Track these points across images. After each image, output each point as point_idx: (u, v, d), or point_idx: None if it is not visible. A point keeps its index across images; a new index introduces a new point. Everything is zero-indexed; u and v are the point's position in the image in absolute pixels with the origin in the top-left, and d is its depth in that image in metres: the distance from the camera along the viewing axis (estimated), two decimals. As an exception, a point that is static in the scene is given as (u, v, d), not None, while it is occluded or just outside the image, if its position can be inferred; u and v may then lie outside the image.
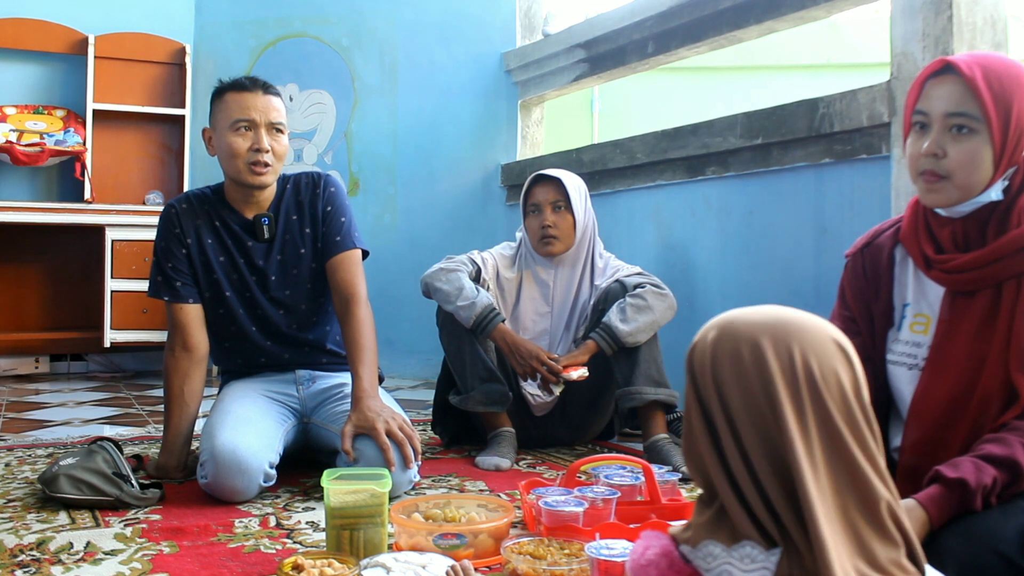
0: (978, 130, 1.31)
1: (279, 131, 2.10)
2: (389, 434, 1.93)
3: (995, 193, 1.33)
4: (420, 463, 2.04)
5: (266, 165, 2.08)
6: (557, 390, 2.37)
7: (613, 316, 2.34)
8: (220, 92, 2.11)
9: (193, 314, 2.15)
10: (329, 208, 2.20)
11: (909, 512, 1.17)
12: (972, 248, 1.35)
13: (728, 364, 0.86)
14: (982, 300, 1.34)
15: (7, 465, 2.30)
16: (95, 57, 4.25)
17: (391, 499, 1.68)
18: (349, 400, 2.07)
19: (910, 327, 1.43)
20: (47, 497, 1.88)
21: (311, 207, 2.20)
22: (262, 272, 2.17)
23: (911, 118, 1.40)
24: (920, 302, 1.43)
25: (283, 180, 2.22)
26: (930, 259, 1.39)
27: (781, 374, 0.84)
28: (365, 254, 2.23)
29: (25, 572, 1.47)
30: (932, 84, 1.36)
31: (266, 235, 2.16)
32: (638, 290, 2.38)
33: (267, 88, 2.10)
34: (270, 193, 2.18)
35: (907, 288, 1.46)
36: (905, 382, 1.42)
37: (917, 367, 1.40)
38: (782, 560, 0.81)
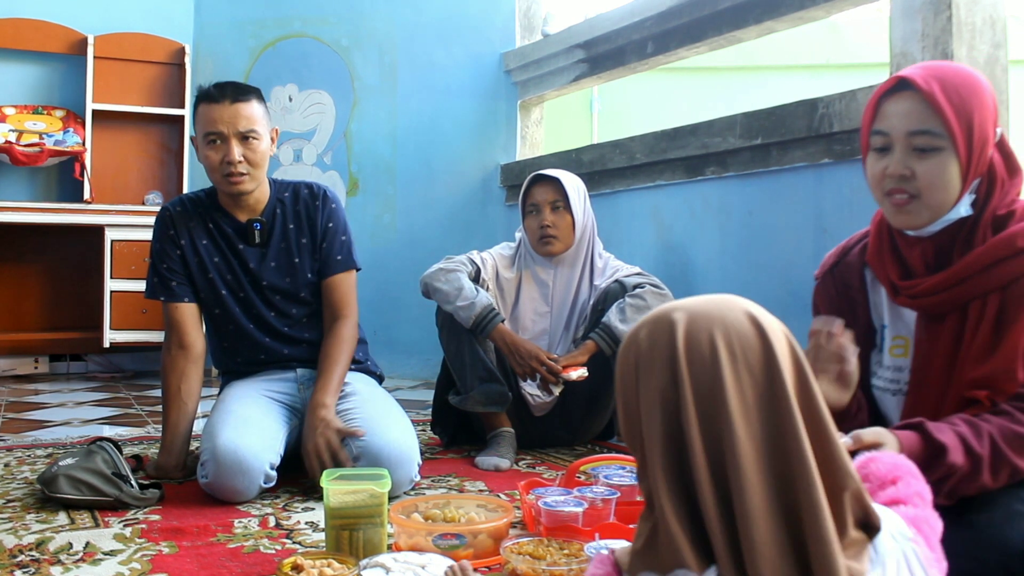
0: (943, 147, 1.27)
1: (252, 138, 2.08)
2: (316, 449, 1.96)
3: (964, 208, 1.30)
4: (421, 462, 2.04)
5: (241, 175, 2.08)
6: (557, 390, 2.37)
7: (612, 316, 2.34)
8: (196, 102, 2.12)
9: (188, 313, 2.16)
10: (331, 225, 2.21)
11: (880, 436, 1.18)
12: (943, 266, 1.32)
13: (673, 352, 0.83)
14: (951, 323, 1.31)
15: (6, 465, 2.30)
16: (94, 57, 4.25)
17: (390, 499, 1.68)
18: (349, 399, 2.10)
19: (890, 351, 1.41)
20: (46, 497, 1.88)
21: (310, 219, 2.20)
22: (255, 275, 2.18)
23: (868, 139, 1.35)
24: (897, 323, 1.41)
25: (279, 186, 2.22)
26: (896, 286, 1.36)
27: (727, 358, 0.82)
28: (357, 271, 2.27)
29: (24, 572, 1.47)
30: (889, 102, 1.32)
31: (257, 240, 2.17)
32: (637, 290, 2.38)
33: (236, 96, 2.07)
34: (262, 197, 2.18)
35: (883, 309, 1.43)
36: (893, 408, 1.39)
37: (901, 392, 1.38)
38: None
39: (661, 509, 0.81)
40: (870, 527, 0.85)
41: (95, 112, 4.24)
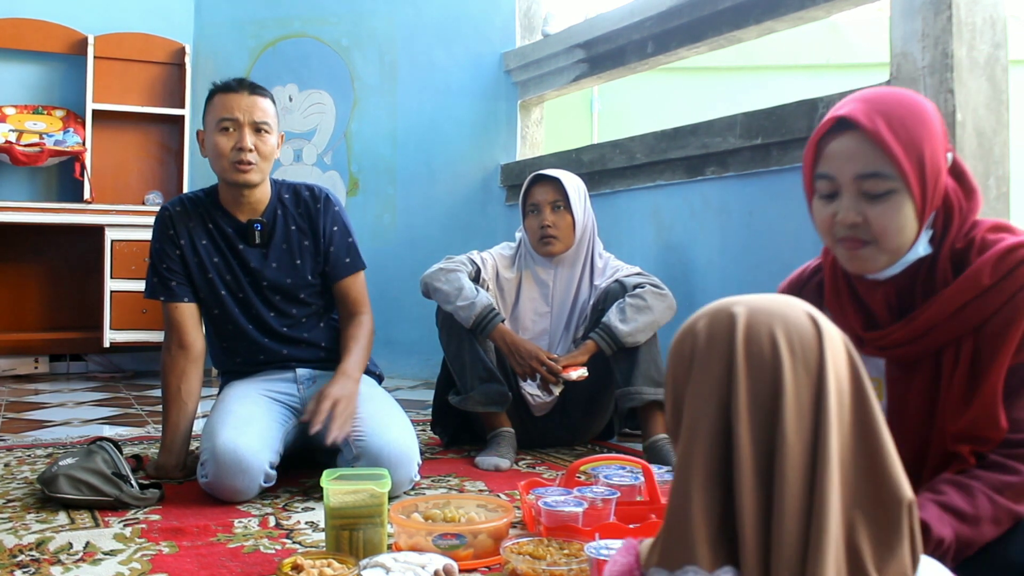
0: (896, 188, 1.17)
1: (265, 131, 2.10)
2: (332, 412, 1.96)
3: (922, 247, 1.21)
4: (421, 462, 2.04)
5: (250, 164, 2.08)
6: (557, 390, 2.37)
7: (613, 316, 2.34)
8: (210, 95, 2.14)
9: (188, 313, 2.16)
10: (335, 228, 2.22)
11: None
12: (907, 309, 1.23)
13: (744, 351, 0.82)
14: (924, 369, 1.22)
15: (7, 465, 2.30)
16: (95, 57, 4.25)
17: (390, 499, 1.68)
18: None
19: None
20: (46, 497, 1.88)
21: (311, 221, 2.21)
22: (256, 275, 2.18)
23: (812, 183, 1.25)
24: (867, 364, 1.31)
25: (279, 187, 2.23)
26: (862, 337, 1.26)
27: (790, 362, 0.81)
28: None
29: (24, 572, 1.47)
30: (831, 143, 1.21)
31: (258, 240, 2.17)
32: (637, 290, 2.38)
33: (254, 89, 2.11)
34: (263, 196, 2.18)
35: None
36: None
37: None
38: None
39: (687, 500, 0.80)
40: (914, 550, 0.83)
41: (95, 112, 4.24)
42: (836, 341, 0.85)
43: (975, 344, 1.18)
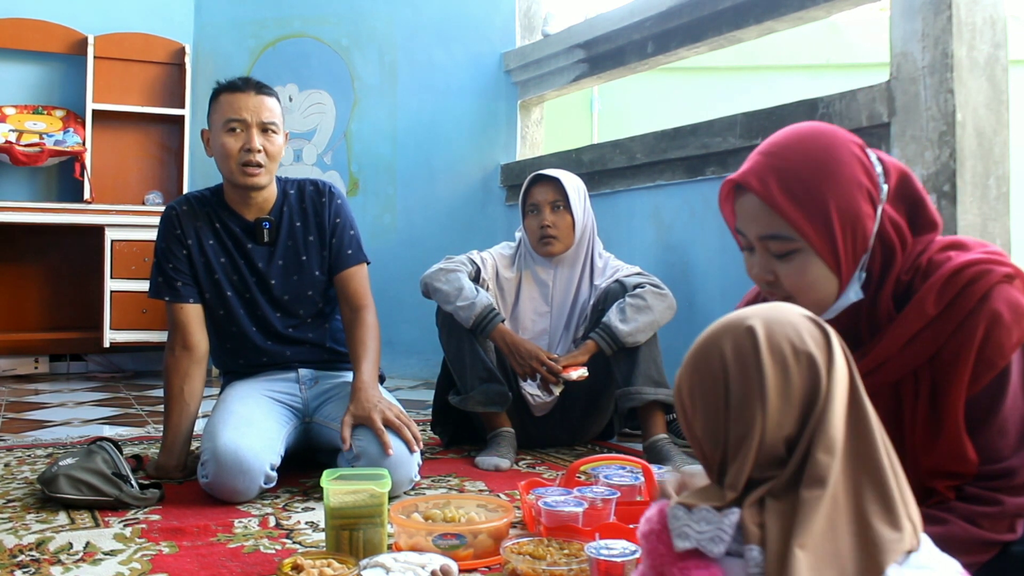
0: (800, 248, 1.13)
1: (272, 131, 2.10)
2: (386, 422, 1.97)
3: (853, 294, 1.16)
4: (422, 450, 2.04)
5: (258, 166, 2.08)
6: (557, 390, 2.37)
7: (613, 316, 2.34)
8: (216, 94, 2.13)
9: (193, 314, 2.16)
10: (338, 220, 2.22)
11: None
12: (855, 347, 1.15)
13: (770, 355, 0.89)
14: (883, 401, 1.15)
15: (7, 465, 2.30)
16: (95, 57, 4.25)
17: (391, 499, 1.68)
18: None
19: None
20: (46, 497, 1.88)
21: (316, 216, 2.21)
22: (263, 275, 2.18)
23: (737, 237, 1.23)
24: None
25: (285, 184, 2.23)
26: None
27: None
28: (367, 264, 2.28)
29: (24, 572, 1.47)
30: (739, 200, 1.18)
31: (266, 239, 2.17)
32: (638, 290, 2.38)
33: (260, 88, 2.11)
34: (270, 195, 2.19)
35: None
36: None
37: None
38: (744, 521, 0.85)
39: (734, 486, 0.88)
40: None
41: (95, 112, 4.24)
42: (836, 337, 0.92)
43: (932, 376, 1.13)
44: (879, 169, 1.16)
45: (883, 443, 0.90)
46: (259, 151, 2.07)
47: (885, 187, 1.15)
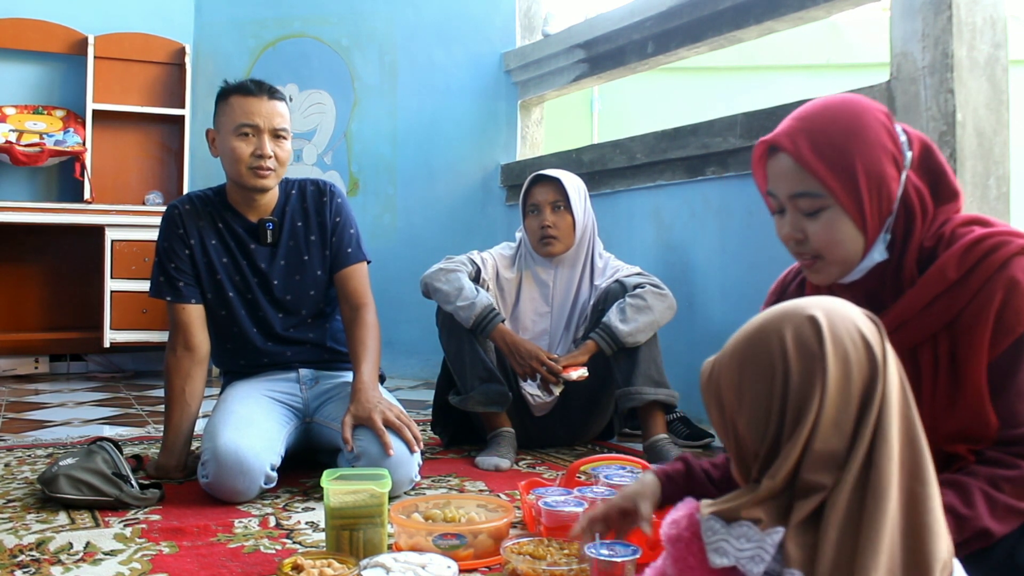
0: (828, 205, 1.18)
1: (282, 137, 2.10)
2: (387, 423, 1.97)
3: (878, 254, 1.21)
4: (422, 450, 2.04)
5: (269, 170, 2.08)
6: (557, 390, 2.37)
7: (613, 316, 2.34)
8: (225, 94, 2.11)
9: (195, 314, 2.16)
10: (339, 219, 2.22)
11: None
12: (877, 311, 1.17)
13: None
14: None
15: (7, 465, 2.30)
16: (95, 57, 4.25)
17: (391, 499, 1.68)
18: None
19: None
20: (47, 497, 1.88)
21: (318, 215, 2.21)
22: (265, 275, 2.18)
23: (768, 200, 1.28)
24: None
25: (286, 185, 2.23)
26: None
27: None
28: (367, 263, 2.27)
29: (24, 572, 1.47)
30: (769, 163, 1.24)
31: (269, 239, 2.17)
32: (638, 290, 2.38)
33: (272, 93, 2.10)
34: (272, 197, 2.19)
35: None
36: None
37: None
38: (787, 542, 0.82)
39: (773, 476, 0.86)
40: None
41: (95, 112, 4.24)
42: (887, 339, 0.93)
43: (951, 341, 1.17)
44: (903, 138, 1.21)
45: (926, 446, 0.88)
46: (271, 156, 2.08)
47: (909, 154, 1.20)
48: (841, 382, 0.86)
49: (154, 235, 2.23)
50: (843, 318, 0.90)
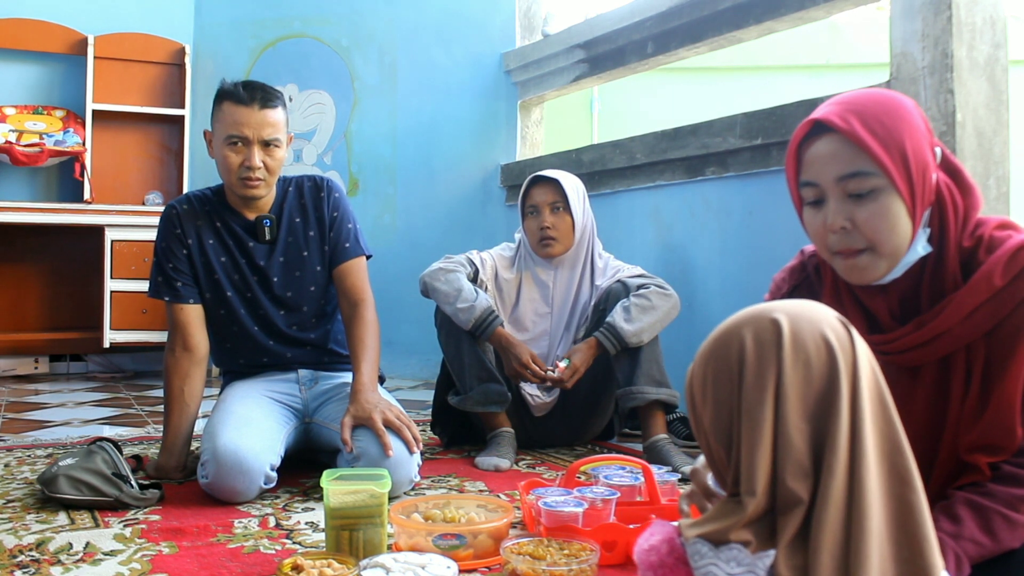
0: (881, 186, 1.13)
1: (274, 146, 2.09)
2: (387, 423, 1.97)
3: (921, 247, 1.16)
4: (421, 451, 2.04)
5: (258, 180, 2.08)
6: (555, 392, 2.37)
7: (617, 316, 2.34)
8: (220, 97, 2.10)
9: (194, 314, 2.15)
10: (336, 214, 2.21)
11: None
12: (910, 315, 1.17)
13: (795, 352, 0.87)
14: (929, 376, 1.18)
15: (7, 465, 2.30)
16: (95, 57, 4.25)
17: (390, 499, 1.68)
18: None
19: None
20: (46, 497, 1.88)
21: (316, 211, 2.20)
22: (264, 273, 2.18)
23: (799, 192, 1.22)
24: None
25: (284, 182, 2.23)
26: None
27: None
28: (367, 257, 2.26)
29: (24, 572, 1.47)
30: (809, 149, 1.18)
31: (268, 236, 2.17)
32: (642, 290, 2.38)
33: (265, 102, 2.06)
34: (270, 195, 2.19)
35: None
36: None
37: None
38: (778, 565, 0.81)
39: (751, 491, 0.84)
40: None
41: (95, 112, 4.24)
42: (862, 343, 0.90)
43: (987, 350, 1.13)
44: None
45: (909, 450, 0.87)
46: (259, 167, 2.07)
47: (938, 150, 1.18)
48: (800, 387, 0.84)
49: (154, 235, 2.23)
50: (809, 321, 0.88)
